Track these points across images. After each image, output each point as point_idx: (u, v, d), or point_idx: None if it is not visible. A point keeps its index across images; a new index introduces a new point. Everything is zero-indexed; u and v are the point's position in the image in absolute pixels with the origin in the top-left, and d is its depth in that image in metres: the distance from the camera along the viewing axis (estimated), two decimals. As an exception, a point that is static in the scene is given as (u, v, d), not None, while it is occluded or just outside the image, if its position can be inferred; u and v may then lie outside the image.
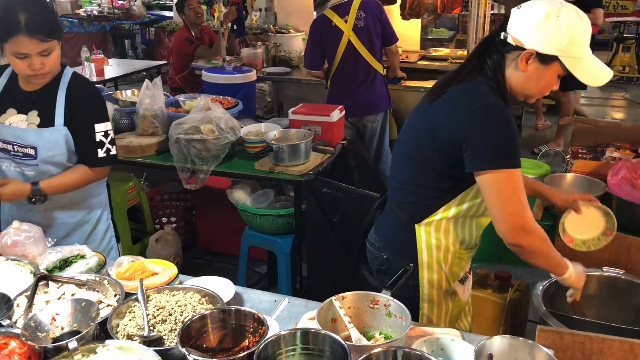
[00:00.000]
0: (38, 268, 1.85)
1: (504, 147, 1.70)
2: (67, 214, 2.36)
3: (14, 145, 2.19)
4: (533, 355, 1.40)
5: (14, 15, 1.96)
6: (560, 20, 1.67)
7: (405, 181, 1.95)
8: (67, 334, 1.52)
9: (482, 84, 1.77)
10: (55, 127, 2.18)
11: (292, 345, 1.42)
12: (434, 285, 1.98)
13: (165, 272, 1.86)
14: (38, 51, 2.02)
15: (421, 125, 1.88)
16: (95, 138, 2.24)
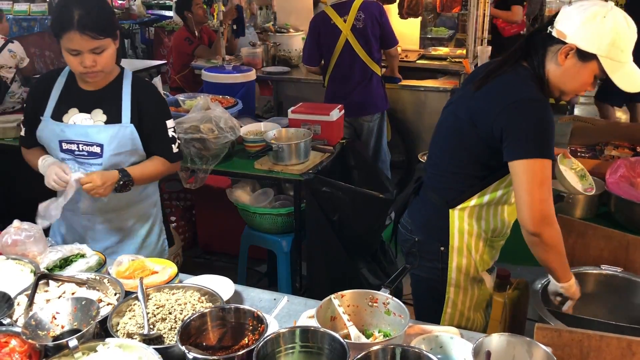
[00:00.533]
0: (38, 267, 1.85)
1: (541, 139, 1.75)
2: (121, 217, 2.30)
3: (78, 144, 2.16)
4: (531, 352, 1.41)
5: (68, 11, 1.97)
6: (606, 21, 1.70)
7: (443, 167, 2.01)
8: (67, 333, 1.52)
9: (526, 76, 1.82)
10: (123, 124, 2.16)
11: (291, 343, 1.43)
12: (462, 270, 2.04)
13: (165, 270, 1.87)
14: (89, 48, 2.01)
15: (462, 113, 1.92)
16: (168, 134, 2.26)
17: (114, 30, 2.10)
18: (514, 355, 1.43)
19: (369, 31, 4.18)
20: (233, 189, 3.38)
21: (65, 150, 2.17)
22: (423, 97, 4.86)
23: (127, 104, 2.18)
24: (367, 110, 4.35)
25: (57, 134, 2.17)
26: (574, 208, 2.46)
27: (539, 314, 1.92)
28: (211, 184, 3.63)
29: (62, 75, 2.23)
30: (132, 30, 10.37)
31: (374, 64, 4.26)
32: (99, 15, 2.02)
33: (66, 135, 2.16)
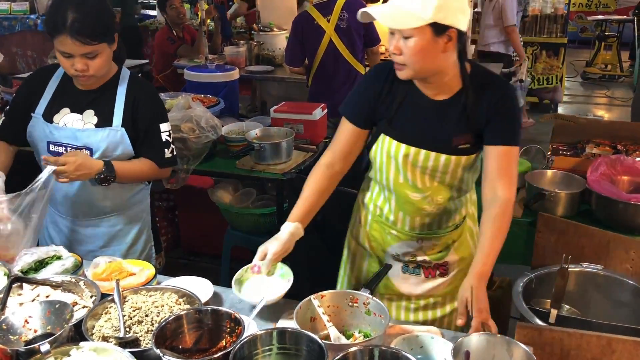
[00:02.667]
0: (12, 270, 1.81)
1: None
2: (110, 221, 2.25)
3: (67, 147, 2.10)
4: (511, 351, 1.40)
5: (62, 14, 1.91)
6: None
7: None
8: (40, 337, 1.49)
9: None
10: (113, 127, 2.11)
11: (268, 345, 1.41)
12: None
13: (142, 272, 1.84)
14: (81, 53, 1.96)
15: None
16: (162, 138, 2.19)
17: (110, 34, 2.02)
18: (494, 355, 1.42)
19: (353, 31, 4.15)
20: (215, 189, 3.36)
21: (52, 152, 2.12)
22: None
23: (121, 106, 2.12)
24: None
25: (46, 134, 2.12)
26: (555, 206, 2.46)
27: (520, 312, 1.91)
28: (193, 184, 3.59)
29: (58, 72, 2.17)
30: (117, 30, 10.26)
31: (358, 64, 4.24)
32: (94, 20, 1.96)
33: (55, 137, 2.11)
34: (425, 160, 1.83)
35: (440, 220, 1.95)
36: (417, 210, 1.92)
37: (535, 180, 2.60)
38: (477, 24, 6.87)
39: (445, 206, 1.92)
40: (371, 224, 2.06)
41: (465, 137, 1.81)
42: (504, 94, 1.79)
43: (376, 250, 2.07)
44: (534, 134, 6.82)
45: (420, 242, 1.98)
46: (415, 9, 1.61)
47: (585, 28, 12.03)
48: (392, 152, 1.86)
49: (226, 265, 3.48)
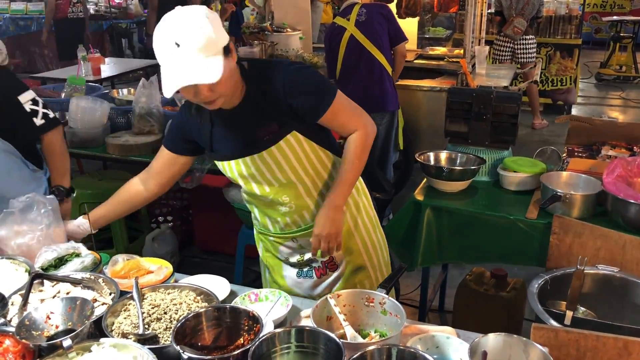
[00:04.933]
0: (33, 266, 1.84)
1: None
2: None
3: None
4: (527, 352, 1.41)
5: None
6: None
7: None
8: (61, 333, 1.51)
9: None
10: None
11: (286, 343, 1.42)
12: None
13: (160, 270, 1.86)
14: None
15: None
16: (26, 109, 2.16)
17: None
18: (510, 355, 1.42)
19: (375, 24, 4.16)
20: (229, 188, 3.37)
21: None
22: (420, 96, 4.86)
23: None
24: (374, 108, 4.13)
25: None
26: (571, 208, 2.46)
27: (536, 313, 1.91)
28: (208, 183, 3.62)
29: None
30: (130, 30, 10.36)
31: (382, 57, 4.20)
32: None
33: None
34: (247, 168, 1.88)
35: (302, 215, 1.99)
36: (274, 212, 1.99)
37: (551, 181, 2.60)
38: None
39: (300, 200, 1.95)
40: (258, 236, 2.17)
41: (268, 129, 1.83)
42: (285, 76, 1.79)
43: (270, 259, 2.17)
44: (547, 135, 6.79)
45: (296, 241, 2.04)
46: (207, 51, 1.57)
47: (600, 29, 11.95)
48: (228, 171, 1.94)
49: (240, 264, 3.50)
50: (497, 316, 2.80)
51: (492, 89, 2.98)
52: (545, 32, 7.53)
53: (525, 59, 6.68)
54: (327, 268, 2.08)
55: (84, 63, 5.14)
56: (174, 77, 1.58)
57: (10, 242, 1.96)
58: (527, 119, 7.06)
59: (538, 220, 2.49)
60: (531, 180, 2.72)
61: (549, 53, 7.55)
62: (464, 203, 2.69)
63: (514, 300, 2.83)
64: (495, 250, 2.64)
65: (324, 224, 1.87)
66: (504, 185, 2.79)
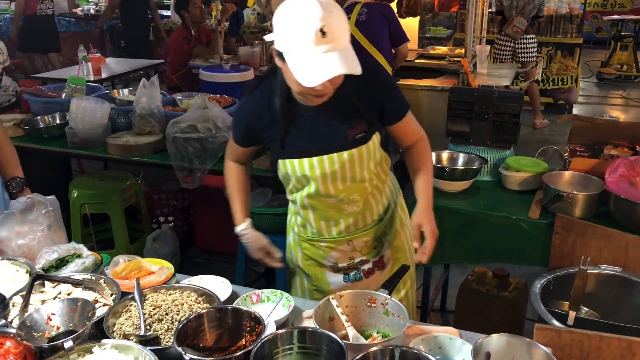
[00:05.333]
0: (34, 267, 1.84)
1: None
2: None
3: None
4: (531, 353, 1.40)
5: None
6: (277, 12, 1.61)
7: None
8: (63, 334, 1.51)
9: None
10: None
11: (289, 344, 1.41)
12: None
13: (161, 271, 1.85)
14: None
15: None
16: None
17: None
18: (514, 356, 1.42)
19: (375, 24, 4.14)
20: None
21: None
22: (421, 96, 4.85)
23: None
24: None
25: None
26: (573, 208, 2.45)
27: (538, 313, 1.91)
28: (208, 183, 3.61)
29: None
30: (130, 30, 10.32)
31: (381, 57, 4.19)
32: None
33: None
34: (331, 164, 1.83)
35: (365, 216, 1.96)
36: (337, 213, 1.94)
37: (553, 181, 2.59)
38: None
39: (366, 201, 1.94)
40: (300, 243, 2.07)
41: (359, 127, 1.83)
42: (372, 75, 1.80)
43: (312, 268, 2.06)
44: (549, 134, 6.78)
45: (351, 244, 1.99)
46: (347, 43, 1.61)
47: (601, 28, 11.93)
48: (297, 170, 1.86)
49: (241, 264, 3.49)
50: (499, 316, 2.79)
51: (493, 88, 2.97)
52: (546, 31, 7.52)
53: (526, 58, 6.66)
54: (376, 267, 2.04)
55: (84, 63, 5.14)
56: (324, 65, 1.54)
57: (11, 243, 1.95)
58: (528, 118, 7.04)
59: (540, 220, 2.48)
60: (533, 179, 2.72)
61: (550, 52, 7.54)
62: (466, 203, 2.69)
63: (516, 300, 2.82)
64: (498, 250, 2.63)
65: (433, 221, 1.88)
66: (506, 185, 2.78)
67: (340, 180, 1.87)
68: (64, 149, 3.40)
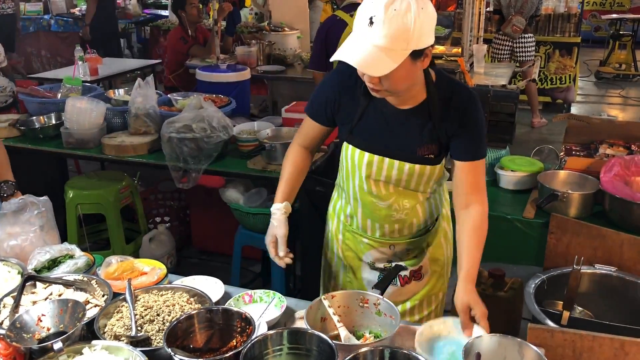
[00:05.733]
0: (25, 268, 1.83)
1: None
2: None
3: None
4: (522, 353, 1.39)
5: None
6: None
7: None
8: (53, 335, 1.51)
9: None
10: None
11: (279, 345, 1.41)
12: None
13: (154, 271, 1.85)
14: None
15: None
16: None
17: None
18: (505, 357, 1.41)
19: None
20: (226, 188, 3.36)
21: None
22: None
23: None
24: None
25: None
26: (568, 207, 2.44)
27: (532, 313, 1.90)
28: (204, 183, 3.61)
29: None
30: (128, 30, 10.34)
31: None
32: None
33: None
34: (390, 169, 1.81)
35: (411, 224, 1.92)
36: (385, 217, 1.90)
37: (548, 180, 2.59)
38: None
39: (414, 210, 1.89)
40: (344, 232, 2.04)
41: (430, 148, 1.78)
42: (467, 107, 1.74)
43: (351, 259, 2.04)
44: (547, 134, 6.78)
45: (392, 248, 1.96)
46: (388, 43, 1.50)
47: (599, 27, 11.92)
48: (356, 160, 1.84)
49: (237, 265, 3.49)
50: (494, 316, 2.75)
51: (489, 87, 2.97)
52: (544, 30, 7.51)
53: (524, 58, 6.66)
54: (413, 277, 2.00)
55: (80, 63, 5.13)
56: (347, 49, 1.54)
57: (2, 244, 1.95)
58: (526, 117, 7.04)
59: (535, 220, 2.48)
60: (528, 179, 2.71)
61: (548, 51, 7.54)
62: (461, 202, 2.68)
63: (512, 300, 2.81)
64: (493, 250, 2.60)
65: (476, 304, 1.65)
66: (501, 185, 2.78)
67: (394, 185, 1.85)
68: (60, 149, 3.39)
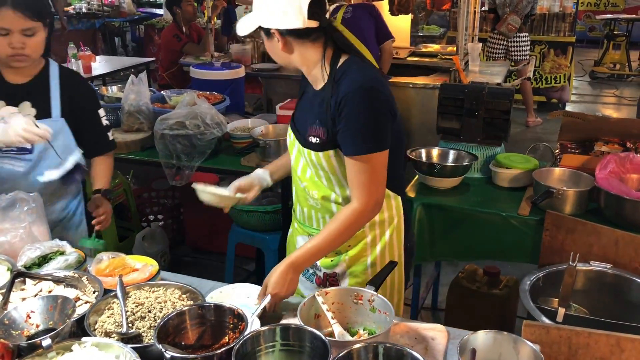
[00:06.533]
0: (15, 265, 1.81)
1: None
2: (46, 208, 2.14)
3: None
4: (517, 349, 1.38)
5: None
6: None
7: None
8: (42, 332, 1.49)
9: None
10: (53, 119, 2.13)
11: (271, 341, 1.39)
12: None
13: (145, 268, 1.82)
14: (20, 28, 1.97)
15: None
16: (103, 123, 2.30)
17: (48, 16, 2.09)
18: (501, 353, 1.40)
19: (360, 22, 4.17)
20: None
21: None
22: (413, 94, 4.83)
23: (57, 96, 2.16)
24: None
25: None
26: (563, 204, 2.43)
27: (527, 310, 1.89)
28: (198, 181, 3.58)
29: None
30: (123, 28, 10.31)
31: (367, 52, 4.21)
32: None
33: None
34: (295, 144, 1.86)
35: (324, 218, 1.88)
36: (303, 199, 1.93)
37: (543, 178, 2.58)
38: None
39: (324, 204, 1.85)
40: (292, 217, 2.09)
41: (316, 130, 1.75)
42: (347, 98, 1.65)
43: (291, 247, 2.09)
44: (541, 132, 6.78)
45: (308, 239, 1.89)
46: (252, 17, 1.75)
47: (594, 27, 11.96)
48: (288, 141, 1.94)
49: (231, 263, 3.47)
50: (490, 314, 2.78)
51: (484, 85, 2.95)
52: (539, 29, 7.52)
53: (518, 57, 6.66)
54: (328, 282, 1.96)
55: (74, 61, 5.10)
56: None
57: (-8, 240, 1.92)
58: (521, 116, 7.05)
59: (530, 217, 2.47)
60: (524, 176, 2.70)
61: (542, 51, 7.55)
62: (456, 200, 2.67)
63: (507, 297, 2.80)
64: (488, 248, 2.62)
65: (281, 285, 1.65)
66: (497, 182, 2.77)
67: (302, 170, 1.88)
68: (52, 147, 3.36)
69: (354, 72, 1.70)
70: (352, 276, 1.92)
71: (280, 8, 1.66)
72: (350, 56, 1.77)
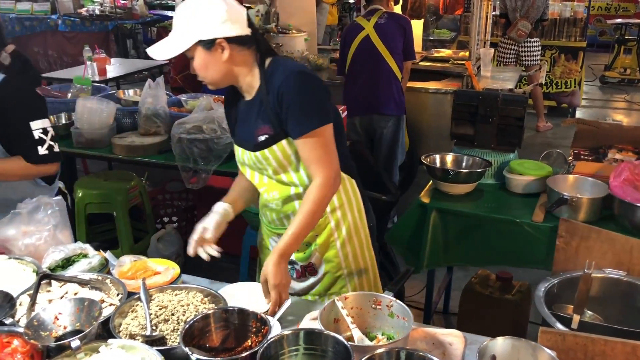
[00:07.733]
0: (40, 267, 1.85)
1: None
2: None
3: None
4: (536, 356, 1.40)
5: None
6: None
7: None
8: (69, 333, 1.52)
9: None
10: None
11: (295, 345, 1.42)
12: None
13: (167, 271, 1.86)
14: None
15: None
16: (34, 135, 2.20)
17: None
18: (519, 359, 1.42)
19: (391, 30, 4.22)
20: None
21: None
22: (425, 98, 4.85)
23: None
24: (378, 109, 4.29)
25: None
26: (577, 211, 2.45)
27: (542, 317, 1.91)
28: (213, 184, 3.62)
29: None
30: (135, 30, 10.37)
31: (392, 61, 4.26)
32: None
33: None
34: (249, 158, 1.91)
35: (288, 216, 1.98)
36: (264, 205, 2.02)
37: (557, 185, 2.59)
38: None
39: (288, 201, 1.95)
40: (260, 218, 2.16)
41: (264, 129, 1.84)
42: (281, 88, 1.76)
43: (265, 250, 2.16)
44: (552, 137, 6.78)
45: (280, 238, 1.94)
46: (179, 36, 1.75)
47: (605, 32, 11.92)
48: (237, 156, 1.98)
49: (245, 266, 3.50)
50: (502, 319, 2.79)
51: (498, 91, 2.98)
52: (549, 34, 7.52)
53: (529, 62, 6.67)
54: (307, 272, 2.05)
55: (89, 63, 5.15)
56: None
57: (17, 242, 1.97)
58: (532, 121, 7.04)
59: (544, 224, 2.49)
60: (537, 183, 2.72)
61: (553, 56, 7.55)
62: (470, 206, 2.69)
63: (520, 303, 2.82)
64: (501, 253, 2.64)
65: (280, 274, 1.72)
66: (510, 188, 2.79)
67: (259, 175, 1.95)
68: (70, 149, 3.41)
69: (282, 66, 1.83)
70: (327, 262, 2.02)
71: (219, 19, 1.71)
72: (274, 57, 1.87)
